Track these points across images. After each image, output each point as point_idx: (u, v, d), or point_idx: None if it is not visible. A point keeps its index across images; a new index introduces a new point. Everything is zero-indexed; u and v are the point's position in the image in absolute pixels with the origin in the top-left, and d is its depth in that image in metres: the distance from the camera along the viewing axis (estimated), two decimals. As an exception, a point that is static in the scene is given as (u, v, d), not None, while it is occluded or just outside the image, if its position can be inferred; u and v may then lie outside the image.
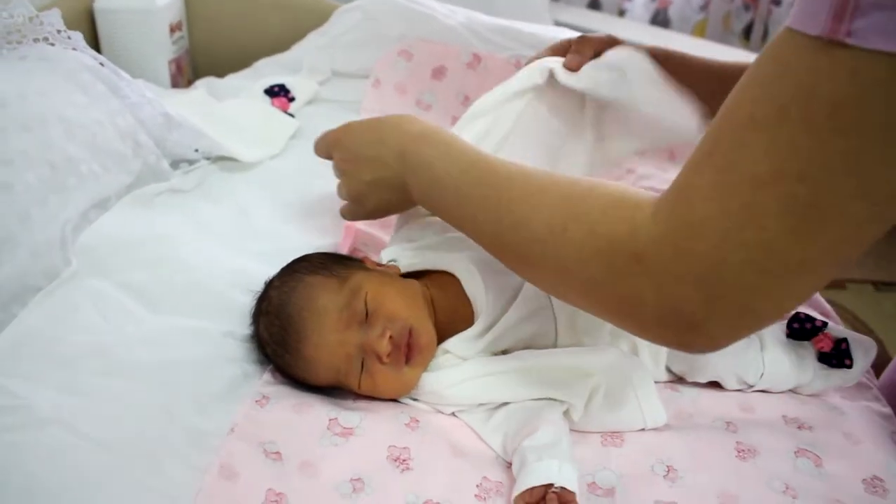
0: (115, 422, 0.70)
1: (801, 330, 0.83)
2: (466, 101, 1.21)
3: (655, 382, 0.81)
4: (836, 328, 0.83)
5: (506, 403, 0.76)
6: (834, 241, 0.49)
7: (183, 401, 0.74)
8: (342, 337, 0.74)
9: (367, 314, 0.74)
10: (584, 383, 0.73)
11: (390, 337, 0.73)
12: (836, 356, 0.80)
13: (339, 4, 1.31)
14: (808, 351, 0.81)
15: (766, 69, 0.49)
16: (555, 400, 0.74)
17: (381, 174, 0.80)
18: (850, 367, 0.80)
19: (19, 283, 0.81)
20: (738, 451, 0.73)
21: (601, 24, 2.63)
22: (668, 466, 0.72)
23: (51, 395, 0.71)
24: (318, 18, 1.30)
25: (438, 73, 1.21)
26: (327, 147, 0.88)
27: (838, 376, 0.80)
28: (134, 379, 0.75)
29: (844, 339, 0.81)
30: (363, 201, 0.85)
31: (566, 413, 0.75)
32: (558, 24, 2.56)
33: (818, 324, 0.82)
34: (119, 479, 0.66)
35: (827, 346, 0.81)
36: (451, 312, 0.79)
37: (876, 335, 2.10)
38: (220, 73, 1.31)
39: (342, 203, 0.89)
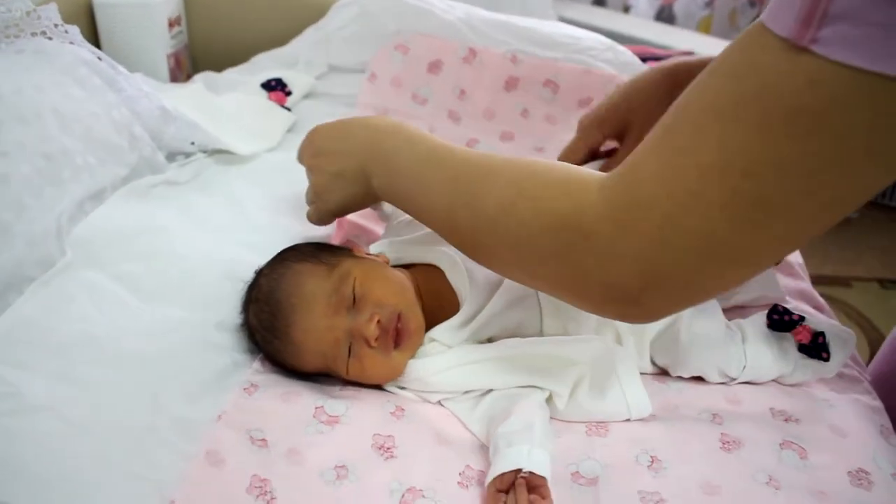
0: (105, 410, 0.71)
1: (781, 322, 0.83)
2: (462, 95, 1.22)
3: (641, 374, 0.81)
4: (816, 321, 0.83)
5: (491, 391, 0.76)
6: (777, 236, 0.50)
7: (172, 389, 0.74)
8: (330, 322, 0.75)
9: (354, 299, 0.75)
10: (569, 372, 0.74)
11: (378, 321, 0.74)
12: (814, 349, 0.80)
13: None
14: (789, 343, 0.81)
15: (734, 60, 0.49)
16: (538, 388, 0.75)
17: (345, 165, 0.81)
18: (826, 360, 0.80)
19: (14, 273, 0.82)
20: (723, 443, 0.74)
21: (606, 20, 2.63)
22: (652, 457, 0.72)
23: (43, 383, 0.72)
24: (317, 13, 1.31)
25: (434, 67, 1.22)
26: (301, 151, 0.90)
27: (819, 367, 0.81)
28: (125, 368, 0.75)
29: (822, 333, 0.81)
30: (327, 196, 0.85)
31: (550, 401, 0.75)
32: (563, 20, 2.56)
33: (795, 317, 0.82)
34: (106, 465, 0.66)
35: (805, 339, 0.81)
36: (436, 302, 0.80)
37: (881, 332, 2.09)
38: (219, 68, 1.32)
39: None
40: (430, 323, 0.79)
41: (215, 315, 0.83)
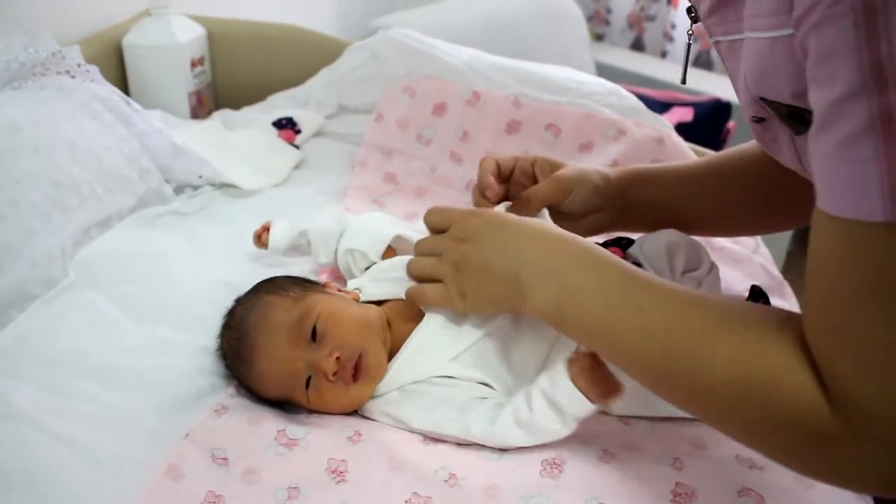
0: (83, 421, 0.75)
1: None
2: (465, 136, 1.26)
3: (608, 414, 0.82)
4: None
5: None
6: None
7: (149, 406, 0.78)
8: (291, 353, 0.78)
9: (316, 334, 0.78)
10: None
11: (338, 358, 0.77)
12: None
13: (352, 42, 1.38)
14: None
15: (838, 252, 0.50)
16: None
17: (497, 265, 0.73)
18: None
19: (19, 292, 0.88)
20: (674, 496, 0.72)
21: (643, 65, 2.65)
22: (600, 503, 0.72)
23: (30, 393, 0.76)
24: (332, 56, 1.38)
25: (439, 109, 1.26)
26: (445, 219, 0.80)
27: None
28: (109, 383, 0.80)
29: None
30: (466, 294, 0.76)
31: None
32: (600, 65, 2.60)
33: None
34: (73, 474, 0.70)
35: None
36: (407, 334, 0.83)
37: None
38: (241, 105, 1.39)
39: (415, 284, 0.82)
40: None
41: (202, 339, 0.87)
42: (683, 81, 0.81)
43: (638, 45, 2.82)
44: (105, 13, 1.36)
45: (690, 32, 0.78)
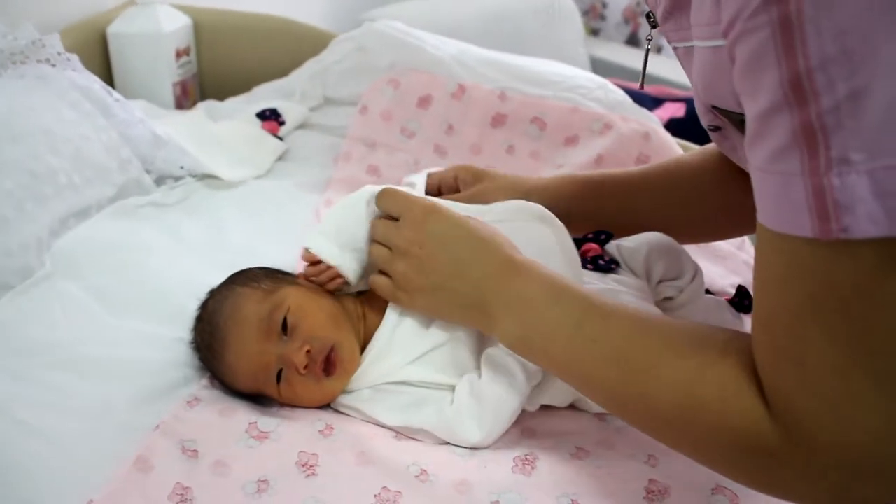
0: (54, 412, 0.75)
1: (741, 305, 0.85)
2: (450, 129, 1.25)
3: (585, 411, 0.82)
4: None
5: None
6: None
7: (121, 397, 0.78)
8: (262, 347, 0.77)
9: (286, 327, 0.77)
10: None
11: (308, 351, 0.76)
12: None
13: (338, 34, 1.37)
14: None
15: (779, 271, 0.50)
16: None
17: (459, 284, 0.73)
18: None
19: (-7, 281, 0.88)
20: (648, 492, 0.72)
21: (638, 60, 2.62)
22: (572, 500, 0.71)
23: (1, 382, 0.76)
24: (319, 47, 1.37)
25: (424, 101, 1.25)
26: (398, 208, 0.77)
27: None
28: (81, 374, 0.79)
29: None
30: (415, 298, 0.76)
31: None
32: (594, 59, 2.59)
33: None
34: (42, 465, 0.70)
35: None
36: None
37: None
38: (226, 96, 1.39)
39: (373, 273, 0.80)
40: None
41: (177, 330, 0.87)
42: (641, 87, 0.80)
43: (633, 41, 2.81)
44: (90, 1, 1.35)
45: (649, 38, 0.77)
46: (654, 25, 0.73)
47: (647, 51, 0.79)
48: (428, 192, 0.95)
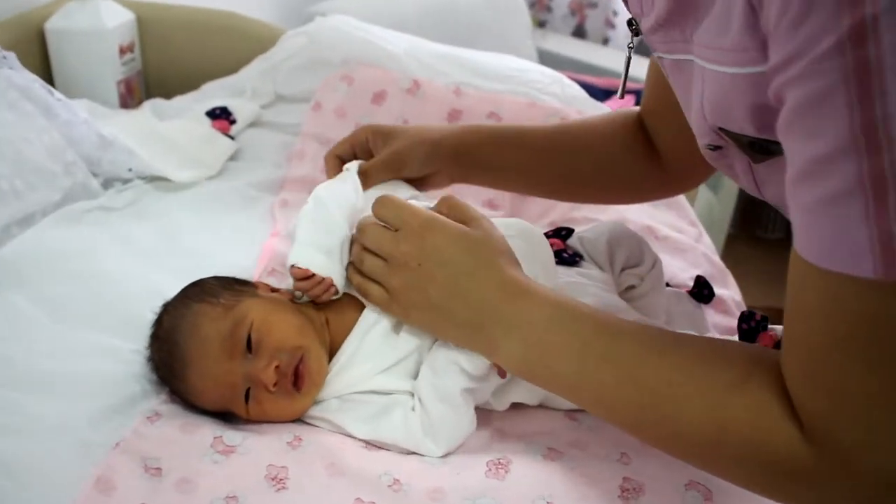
0: (6, 433, 0.71)
1: (749, 330, 0.84)
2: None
3: (553, 409, 0.81)
4: (777, 327, 0.85)
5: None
6: None
7: (78, 414, 0.74)
8: (226, 366, 0.75)
9: (250, 344, 0.75)
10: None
11: (276, 366, 0.74)
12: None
13: (286, 29, 1.34)
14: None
15: (819, 305, 0.50)
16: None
17: (458, 310, 0.70)
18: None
19: (-67, 295, 0.83)
20: (622, 491, 0.72)
21: (585, 52, 2.65)
22: (548, 503, 0.71)
23: (-53, 404, 0.72)
24: (268, 43, 1.33)
25: (378, 97, 1.23)
26: (396, 219, 0.74)
27: None
28: (33, 390, 0.76)
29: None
30: (410, 313, 0.74)
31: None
32: (542, 52, 2.59)
33: (758, 317, 0.84)
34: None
35: (771, 345, 0.83)
36: (347, 332, 0.80)
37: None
38: (173, 95, 1.34)
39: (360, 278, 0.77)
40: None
41: (132, 342, 0.83)
42: (622, 96, 0.80)
43: (580, 33, 2.83)
44: (25, -5, 1.29)
45: (631, 45, 0.77)
46: (636, 33, 0.73)
47: (629, 59, 0.78)
48: (343, 162, 0.91)
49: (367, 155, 0.91)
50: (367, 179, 0.87)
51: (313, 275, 0.77)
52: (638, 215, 1.16)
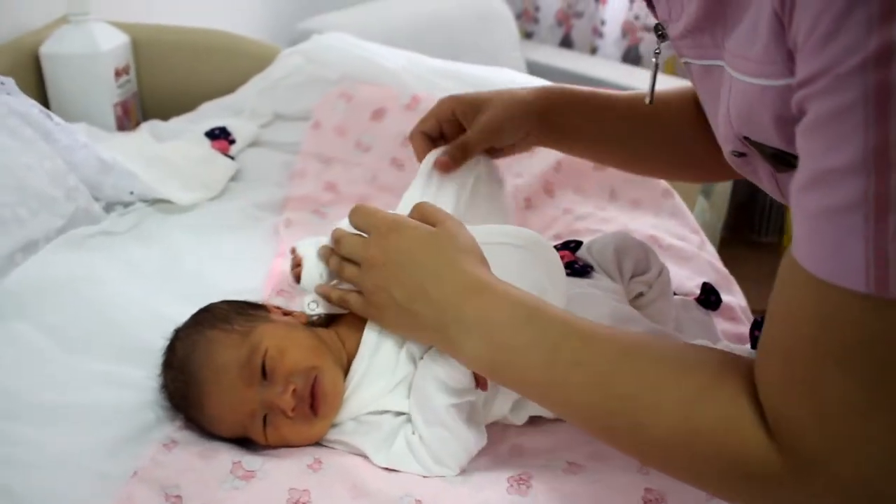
0: (19, 468, 0.70)
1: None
2: (406, 142, 1.23)
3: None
4: None
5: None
6: None
7: (92, 445, 0.73)
8: (244, 395, 0.74)
9: (265, 371, 0.74)
10: None
11: (293, 391, 0.73)
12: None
13: (283, 49, 1.34)
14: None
15: (808, 310, 0.50)
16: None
17: (421, 310, 0.70)
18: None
19: (-64, 326, 0.82)
20: (645, 502, 0.72)
21: (573, 62, 2.66)
22: None
23: (-49, 439, 0.71)
24: (264, 62, 1.33)
25: (378, 114, 1.23)
26: (367, 224, 0.75)
27: None
28: (43, 422, 0.75)
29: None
30: (384, 315, 0.74)
31: None
32: (530, 63, 2.60)
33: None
34: (15, 524, 0.65)
35: None
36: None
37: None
38: (169, 116, 1.33)
39: (339, 285, 0.80)
40: None
41: (141, 368, 0.82)
42: (651, 102, 0.80)
43: (567, 43, 2.84)
44: (17, 20, 1.28)
45: (657, 52, 0.77)
46: (662, 38, 0.73)
47: (657, 65, 0.78)
48: (431, 138, 0.92)
49: (453, 127, 0.91)
50: (467, 151, 0.88)
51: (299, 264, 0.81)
52: (641, 225, 1.16)
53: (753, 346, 0.86)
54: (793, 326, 0.52)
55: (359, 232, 0.76)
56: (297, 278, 0.83)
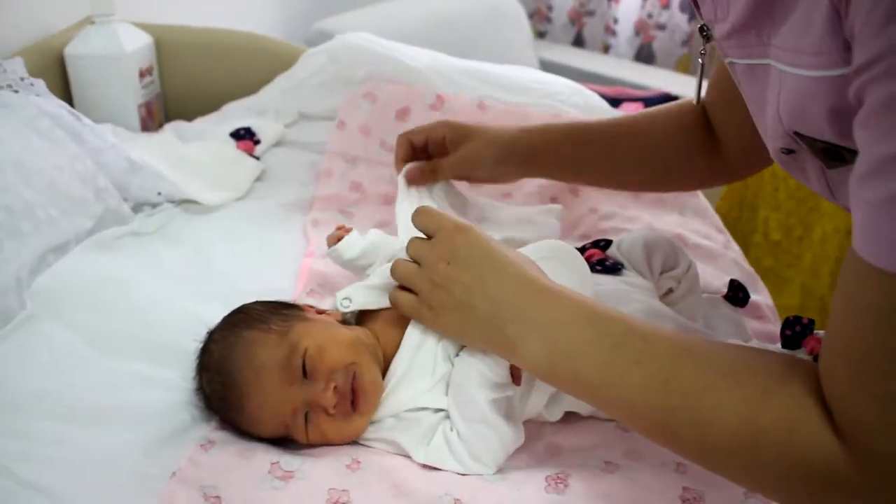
0: (58, 468, 0.70)
1: (794, 336, 0.84)
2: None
3: (607, 420, 0.81)
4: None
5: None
6: None
7: (129, 446, 0.73)
8: (285, 394, 0.74)
9: (305, 369, 0.74)
10: None
11: (335, 388, 0.73)
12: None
13: (307, 48, 1.34)
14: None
15: (874, 305, 0.49)
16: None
17: (480, 306, 0.71)
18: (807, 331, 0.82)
19: (-28, 328, 0.82)
20: (683, 501, 0.72)
21: (586, 61, 2.66)
22: None
23: (-3, 440, 0.71)
24: (287, 62, 1.33)
25: (402, 114, 1.23)
26: (432, 225, 0.76)
27: None
28: (80, 422, 0.74)
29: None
30: (438, 315, 0.74)
31: None
32: (543, 61, 2.60)
33: (805, 321, 0.83)
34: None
35: (818, 348, 0.82)
36: (396, 349, 0.79)
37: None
38: (192, 117, 1.33)
39: (394, 288, 0.79)
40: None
41: (176, 369, 0.82)
42: (697, 101, 0.80)
43: (579, 42, 2.84)
44: (42, 22, 1.28)
45: (703, 52, 0.76)
46: (707, 39, 0.72)
47: (703, 66, 0.78)
48: (414, 148, 0.99)
49: (439, 148, 0.98)
50: (436, 174, 0.97)
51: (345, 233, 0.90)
52: (667, 224, 1.16)
53: (785, 346, 0.85)
54: (857, 322, 0.51)
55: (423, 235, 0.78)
56: (332, 241, 0.90)
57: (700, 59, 0.78)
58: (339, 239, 0.90)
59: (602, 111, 1.28)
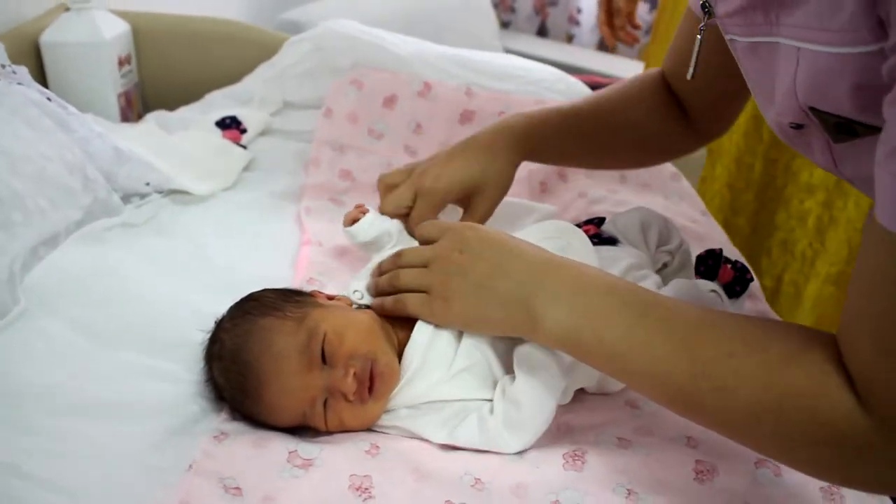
0: (69, 463, 0.68)
1: (707, 269, 0.89)
2: (418, 129, 1.22)
3: (615, 398, 0.82)
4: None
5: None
6: None
7: (138, 439, 0.72)
8: (305, 381, 0.73)
9: (325, 355, 0.73)
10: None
11: (354, 374, 0.73)
12: (740, 281, 0.87)
13: (289, 36, 1.32)
14: (719, 296, 0.86)
15: (891, 272, 0.51)
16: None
17: (502, 286, 0.71)
18: (751, 280, 0.88)
19: (-36, 324, 0.79)
20: (697, 473, 0.73)
21: (549, 50, 2.68)
22: (628, 490, 0.72)
23: (3, 436, 0.69)
24: (268, 51, 1.31)
25: (389, 101, 1.22)
26: (441, 229, 0.79)
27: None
28: (85, 417, 0.73)
29: (737, 261, 0.89)
30: (452, 304, 0.74)
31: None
32: (508, 51, 2.61)
33: (717, 251, 0.89)
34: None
35: (729, 276, 0.87)
36: (407, 338, 0.79)
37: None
38: (171, 107, 1.30)
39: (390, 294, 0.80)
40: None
41: (178, 360, 0.81)
42: (693, 77, 0.81)
43: (543, 31, 2.86)
44: (14, 9, 1.24)
45: (702, 27, 0.78)
46: (708, 15, 0.73)
47: (701, 42, 0.79)
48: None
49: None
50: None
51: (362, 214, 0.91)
52: (654, 207, 1.17)
53: (704, 276, 0.90)
54: (881, 291, 0.52)
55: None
56: (349, 222, 0.91)
57: (699, 35, 0.79)
58: (355, 220, 0.90)
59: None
